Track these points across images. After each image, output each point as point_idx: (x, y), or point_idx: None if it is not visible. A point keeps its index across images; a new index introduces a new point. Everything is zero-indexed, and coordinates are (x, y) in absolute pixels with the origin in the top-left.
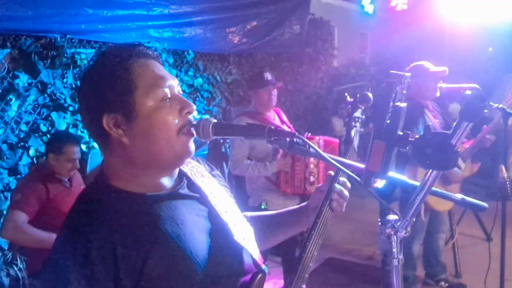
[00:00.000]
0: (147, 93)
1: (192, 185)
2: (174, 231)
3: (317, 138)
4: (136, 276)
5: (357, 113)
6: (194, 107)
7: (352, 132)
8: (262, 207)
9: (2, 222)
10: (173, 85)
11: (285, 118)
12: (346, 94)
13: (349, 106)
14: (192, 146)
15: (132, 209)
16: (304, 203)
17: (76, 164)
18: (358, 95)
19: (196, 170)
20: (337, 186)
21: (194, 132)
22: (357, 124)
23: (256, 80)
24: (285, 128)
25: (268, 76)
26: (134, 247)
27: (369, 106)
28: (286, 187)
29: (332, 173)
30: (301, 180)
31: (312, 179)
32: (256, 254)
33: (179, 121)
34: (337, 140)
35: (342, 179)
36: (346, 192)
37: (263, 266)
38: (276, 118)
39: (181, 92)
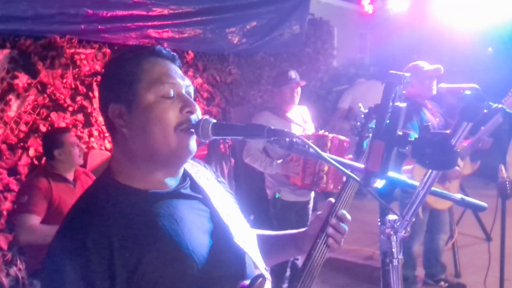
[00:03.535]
0: (149, 86)
1: (195, 186)
2: (172, 228)
3: (330, 136)
4: (132, 269)
5: (371, 124)
6: (197, 107)
7: (365, 143)
8: (276, 196)
9: (15, 228)
10: (181, 85)
11: (307, 117)
12: (360, 104)
13: (363, 116)
14: (192, 145)
15: (132, 204)
16: (303, 229)
17: (82, 147)
18: (373, 105)
19: (201, 173)
20: (333, 220)
21: (193, 130)
22: (370, 135)
23: (281, 77)
24: (306, 127)
25: (292, 74)
26: (131, 241)
27: None
28: (295, 179)
29: (332, 200)
30: (311, 174)
31: (321, 173)
32: (258, 258)
33: (178, 119)
34: (348, 140)
35: (342, 211)
36: (343, 226)
37: (264, 271)
38: (299, 116)
39: (192, 95)
